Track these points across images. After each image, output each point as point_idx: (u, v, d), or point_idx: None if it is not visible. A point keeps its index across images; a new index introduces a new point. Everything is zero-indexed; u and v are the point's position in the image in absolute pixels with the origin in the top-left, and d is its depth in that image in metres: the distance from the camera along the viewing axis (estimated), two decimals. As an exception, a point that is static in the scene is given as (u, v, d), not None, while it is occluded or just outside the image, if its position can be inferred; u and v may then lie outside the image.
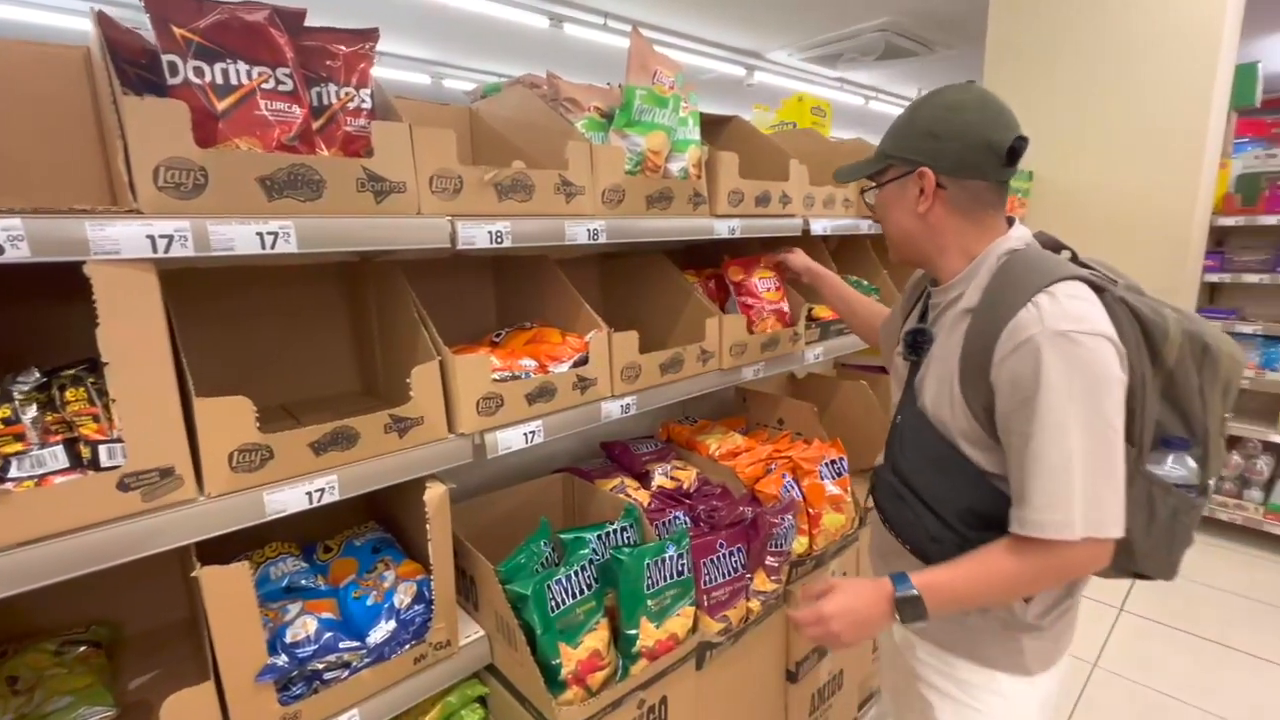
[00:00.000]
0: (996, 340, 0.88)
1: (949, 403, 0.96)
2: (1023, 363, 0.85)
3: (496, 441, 1.12)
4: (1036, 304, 0.86)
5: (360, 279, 1.34)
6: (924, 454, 1.01)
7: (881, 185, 1.05)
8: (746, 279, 1.61)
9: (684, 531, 1.24)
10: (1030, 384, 0.84)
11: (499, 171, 1.05)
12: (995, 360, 0.88)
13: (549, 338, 1.23)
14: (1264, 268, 3.20)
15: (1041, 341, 0.83)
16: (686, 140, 1.34)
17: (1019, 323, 0.86)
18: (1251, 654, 2.47)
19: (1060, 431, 0.83)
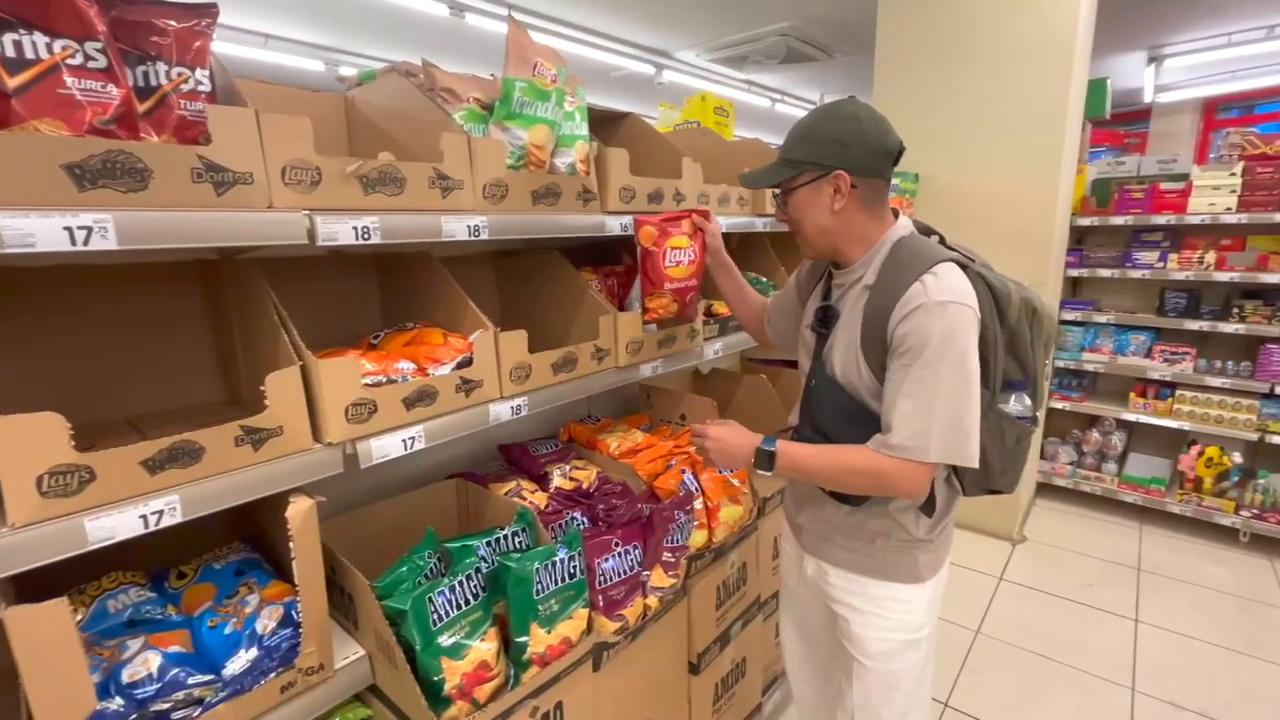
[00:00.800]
0: (892, 309, 1.07)
1: (855, 365, 1.14)
2: (912, 321, 1.04)
3: (370, 450, 1.05)
4: (923, 281, 1.06)
5: (220, 279, 1.23)
6: (837, 410, 1.18)
7: (795, 189, 1.16)
8: (657, 247, 1.43)
9: (576, 533, 1.22)
10: (915, 338, 1.04)
11: (363, 163, 0.99)
12: (891, 325, 1.07)
13: (430, 339, 1.18)
14: (1115, 263, 3.57)
15: (928, 307, 1.04)
16: (574, 135, 1.32)
17: (910, 295, 1.05)
18: (1111, 611, 2.74)
19: (931, 376, 1.03)
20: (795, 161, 1.14)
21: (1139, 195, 3.42)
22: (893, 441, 1.06)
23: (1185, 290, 3.45)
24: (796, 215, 1.18)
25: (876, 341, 1.10)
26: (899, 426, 1.05)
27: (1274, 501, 3.15)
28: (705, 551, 1.60)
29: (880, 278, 1.13)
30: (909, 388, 1.05)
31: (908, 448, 1.04)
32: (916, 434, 1.04)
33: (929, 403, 1.03)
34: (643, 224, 1.42)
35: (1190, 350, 3.42)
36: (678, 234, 1.45)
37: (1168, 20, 4.74)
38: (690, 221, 1.49)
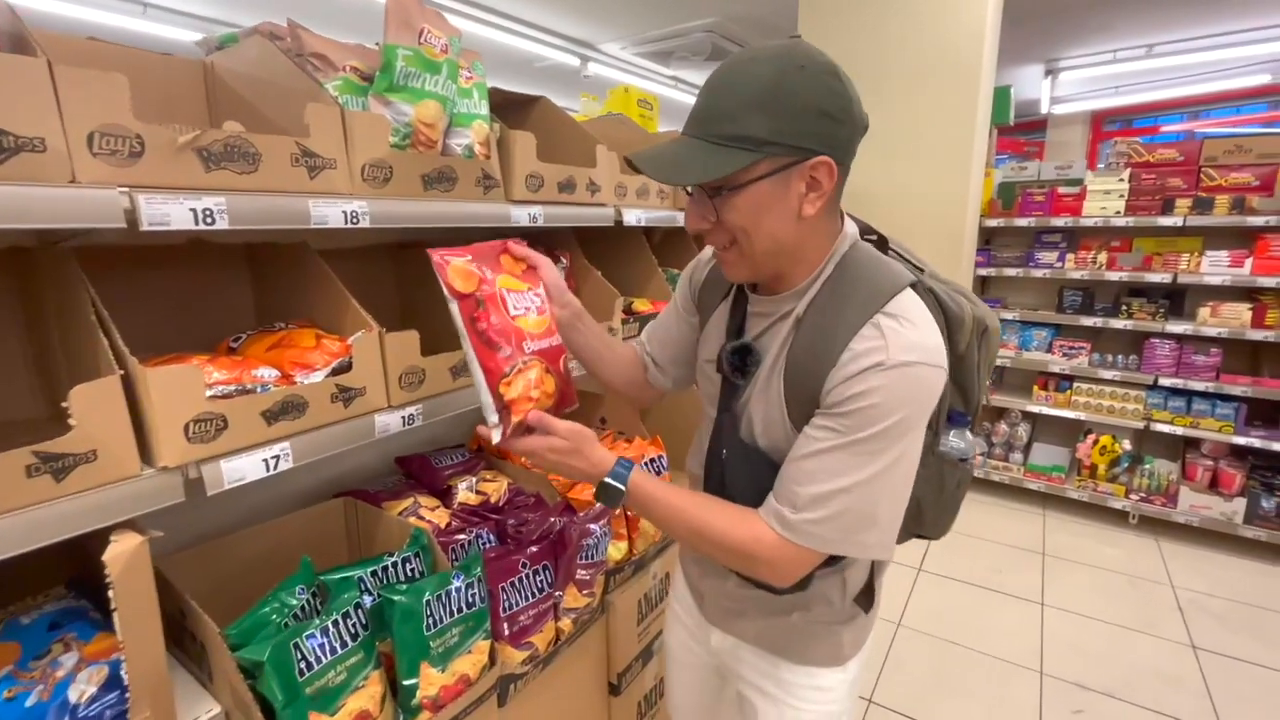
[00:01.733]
0: (831, 361, 0.79)
1: (782, 429, 0.87)
2: (861, 385, 0.77)
3: (221, 473, 0.89)
4: (879, 326, 0.78)
5: (37, 272, 1.03)
6: (757, 483, 0.88)
7: (747, 185, 0.77)
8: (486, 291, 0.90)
9: (476, 556, 1.10)
10: (862, 407, 0.77)
11: (201, 132, 0.83)
12: (832, 380, 0.79)
13: (299, 341, 1.02)
14: (1020, 263, 3.75)
15: (886, 369, 0.76)
16: (471, 114, 1.19)
17: (862, 347, 0.78)
18: (1020, 596, 2.86)
19: (870, 459, 0.78)
20: (752, 141, 0.74)
21: (1040, 198, 3.60)
22: (792, 519, 0.80)
23: (1081, 288, 3.67)
24: (743, 224, 0.79)
25: (805, 397, 0.83)
26: (807, 505, 0.80)
27: (1159, 485, 3.40)
28: (625, 564, 1.51)
29: (813, 308, 0.84)
30: (835, 467, 0.78)
31: (807, 534, 0.80)
32: (824, 522, 0.79)
33: (858, 497, 0.79)
34: (446, 260, 0.88)
35: (1086, 345, 3.64)
36: (504, 272, 0.95)
37: (1061, 35, 5.06)
38: (510, 255, 0.98)
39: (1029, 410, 3.81)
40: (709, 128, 0.77)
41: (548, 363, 0.94)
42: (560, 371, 0.98)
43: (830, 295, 0.84)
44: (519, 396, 0.88)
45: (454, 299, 0.87)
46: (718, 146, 0.75)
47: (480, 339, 0.87)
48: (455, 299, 0.87)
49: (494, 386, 0.87)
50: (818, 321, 0.83)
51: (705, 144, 0.76)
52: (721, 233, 0.82)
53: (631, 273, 1.98)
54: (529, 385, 0.89)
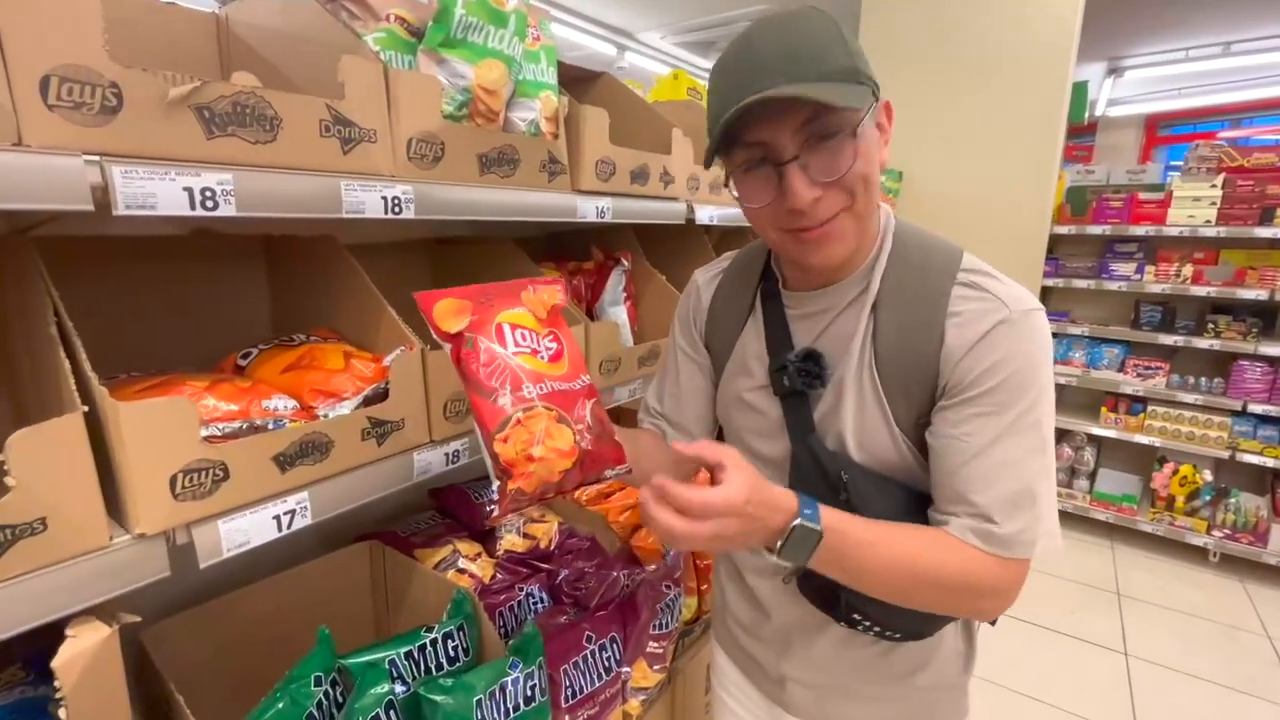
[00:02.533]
0: (939, 336, 0.71)
1: (888, 439, 0.74)
2: (993, 348, 0.68)
3: (219, 537, 0.68)
4: (975, 284, 0.72)
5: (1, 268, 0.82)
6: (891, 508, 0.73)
7: (865, 123, 0.67)
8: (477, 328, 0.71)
9: (534, 635, 0.87)
10: (1005, 372, 0.68)
11: (200, 84, 0.61)
12: (950, 359, 0.70)
13: (323, 360, 0.80)
14: (1091, 274, 3.46)
15: (1012, 323, 0.69)
16: (539, 83, 0.97)
17: (970, 308, 0.70)
18: (1100, 644, 2.59)
19: (1035, 431, 0.69)
20: (865, 75, 0.67)
21: (1117, 204, 3.31)
22: (1001, 533, 0.67)
23: (1160, 303, 3.38)
24: (867, 170, 0.68)
25: (914, 391, 0.72)
26: (1006, 512, 0.68)
27: (1245, 521, 3.10)
28: (695, 624, 1.28)
29: (890, 290, 0.74)
30: (1012, 456, 0.68)
31: (1024, 544, 0.68)
32: (1032, 524, 0.68)
33: (1037, 472, 0.69)
34: (432, 299, 0.70)
35: (1163, 365, 3.35)
36: (520, 306, 0.75)
37: (1132, 31, 4.74)
38: (535, 293, 0.76)
39: (1094, 433, 3.52)
40: (820, 63, 0.64)
41: (562, 410, 0.69)
42: (583, 420, 0.70)
43: (902, 269, 0.75)
44: (517, 456, 0.65)
45: (444, 343, 0.71)
46: (839, 84, 0.64)
47: (469, 384, 0.68)
48: (445, 342, 0.71)
49: (489, 444, 0.66)
50: (900, 300, 0.74)
51: (823, 83, 0.64)
52: (837, 194, 0.69)
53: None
54: (530, 440, 0.66)
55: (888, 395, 0.73)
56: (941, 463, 0.71)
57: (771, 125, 0.66)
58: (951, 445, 0.70)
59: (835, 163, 0.67)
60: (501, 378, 0.68)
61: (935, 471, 0.72)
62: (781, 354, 0.80)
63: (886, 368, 0.73)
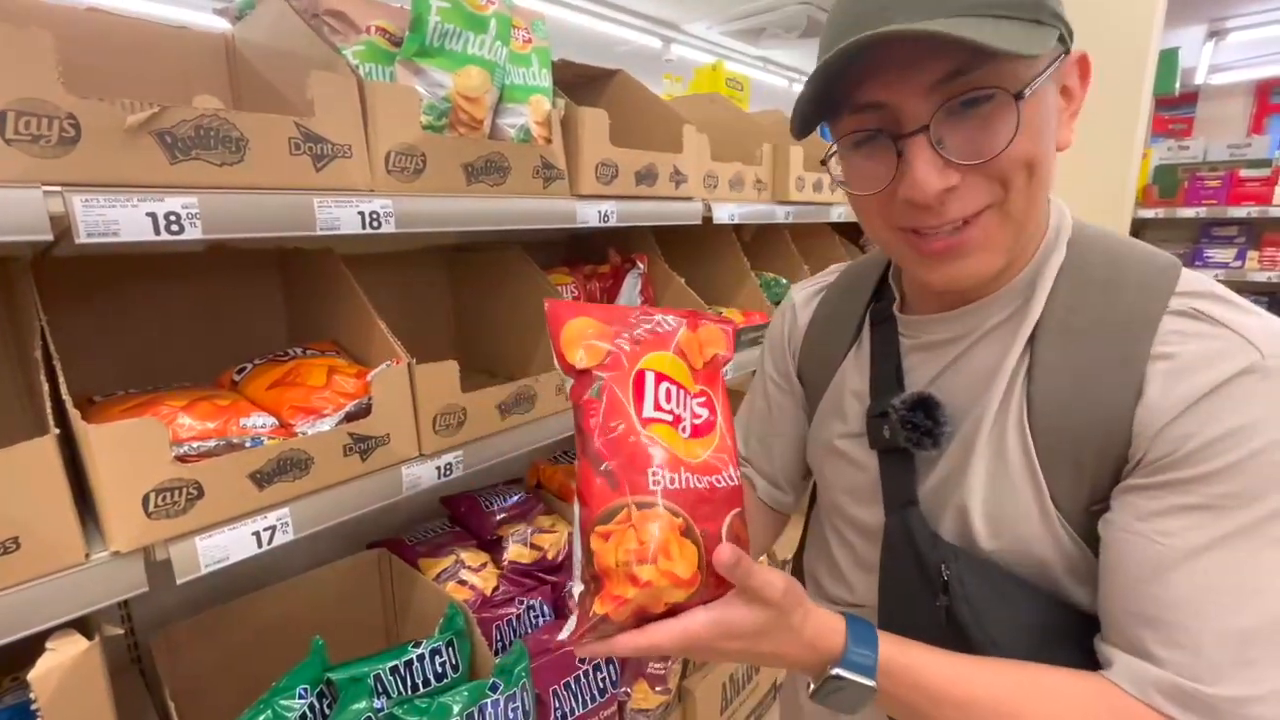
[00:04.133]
0: (1135, 384, 0.48)
1: (1039, 523, 0.52)
2: (1242, 410, 0.44)
3: (195, 554, 0.69)
4: (1207, 315, 0.48)
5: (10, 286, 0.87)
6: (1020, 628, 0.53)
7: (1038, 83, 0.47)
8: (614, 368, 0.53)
9: (520, 654, 0.85)
10: (1257, 448, 0.44)
11: (158, 110, 0.61)
12: (1153, 417, 0.47)
13: (305, 377, 0.81)
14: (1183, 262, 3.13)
15: (1270, 377, 0.45)
16: (528, 87, 0.94)
17: (1193, 348, 0.47)
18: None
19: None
20: (1049, 12, 0.46)
21: (1214, 184, 2.99)
22: (1214, 695, 0.43)
23: (1266, 294, 3.02)
24: (1035, 149, 0.48)
25: (1092, 457, 0.50)
26: (1219, 657, 0.44)
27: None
28: (707, 641, 1.23)
29: (1059, 315, 0.53)
30: (1238, 565, 0.44)
31: (1238, 698, 0.43)
32: (1259, 695, 0.43)
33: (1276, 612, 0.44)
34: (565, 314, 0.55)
35: (1268, 362, 3.00)
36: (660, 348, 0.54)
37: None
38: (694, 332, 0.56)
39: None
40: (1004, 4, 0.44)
41: (694, 518, 0.48)
42: (718, 539, 0.49)
43: (1081, 287, 0.53)
44: (616, 567, 0.47)
45: (567, 375, 0.54)
46: (1005, 20, 0.44)
47: (581, 439, 0.52)
48: (568, 375, 0.53)
49: (585, 531, 0.50)
50: (1075, 331, 0.52)
51: (980, 20, 0.43)
52: (983, 184, 0.49)
53: (719, 278, 1.69)
54: (641, 553, 0.46)
55: (1045, 466, 0.52)
56: (1120, 571, 0.48)
57: (896, 79, 0.46)
58: (1140, 546, 0.47)
59: (986, 138, 0.46)
60: (624, 450, 0.49)
61: (1108, 584, 0.49)
62: (885, 396, 0.61)
63: (1047, 426, 0.52)
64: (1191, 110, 7.13)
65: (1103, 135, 2.52)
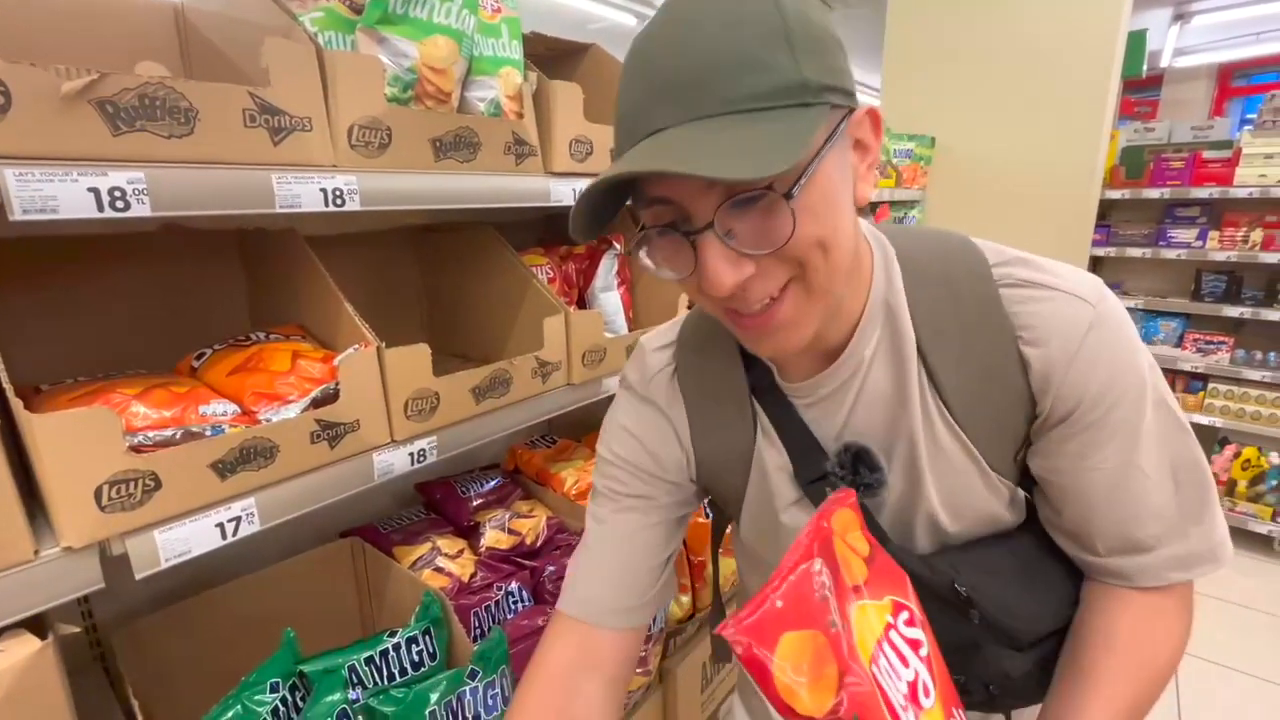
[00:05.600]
0: (1012, 352, 0.55)
1: (983, 488, 0.59)
2: (1102, 359, 0.54)
3: (155, 547, 0.66)
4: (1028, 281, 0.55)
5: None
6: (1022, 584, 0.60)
7: (814, 160, 0.46)
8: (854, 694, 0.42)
9: (498, 641, 0.84)
10: (1126, 380, 0.54)
11: (96, 77, 0.57)
12: (1046, 382, 0.55)
13: (268, 363, 0.78)
14: (1147, 241, 3.21)
15: (1103, 323, 0.53)
16: (497, 58, 0.91)
17: (1043, 318, 0.54)
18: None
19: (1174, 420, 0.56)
20: (811, 90, 0.44)
21: (1178, 165, 3.04)
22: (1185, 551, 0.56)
23: (1225, 272, 3.11)
24: (821, 232, 0.47)
25: (1009, 417, 0.57)
26: (1180, 527, 0.56)
27: (1316, 508, 2.86)
28: (687, 623, 1.23)
29: (927, 319, 0.57)
30: (1156, 461, 0.55)
31: (1212, 551, 0.57)
32: (1211, 524, 0.57)
33: (1191, 465, 0.56)
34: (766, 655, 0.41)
35: (1226, 339, 3.10)
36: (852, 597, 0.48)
37: (1200, -28, 4.31)
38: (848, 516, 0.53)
39: (1149, 412, 3.29)
40: (732, 87, 0.43)
41: None
42: None
43: (930, 295, 0.57)
44: None
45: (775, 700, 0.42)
46: (764, 111, 0.43)
47: None
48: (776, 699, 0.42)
49: None
50: (947, 332, 0.57)
51: (738, 115, 0.43)
52: (778, 268, 0.48)
53: (697, 259, 1.67)
54: None
55: (977, 445, 0.58)
56: (1085, 499, 0.56)
57: (675, 181, 0.46)
58: (1089, 478, 0.56)
59: (768, 231, 0.46)
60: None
61: (1078, 511, 0.57)
62: (810, 458, 0.61)
63: (967, 415, 0.57)
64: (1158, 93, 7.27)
65: (1072, 118, 2.55)
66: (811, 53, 0.45)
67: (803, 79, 0.44)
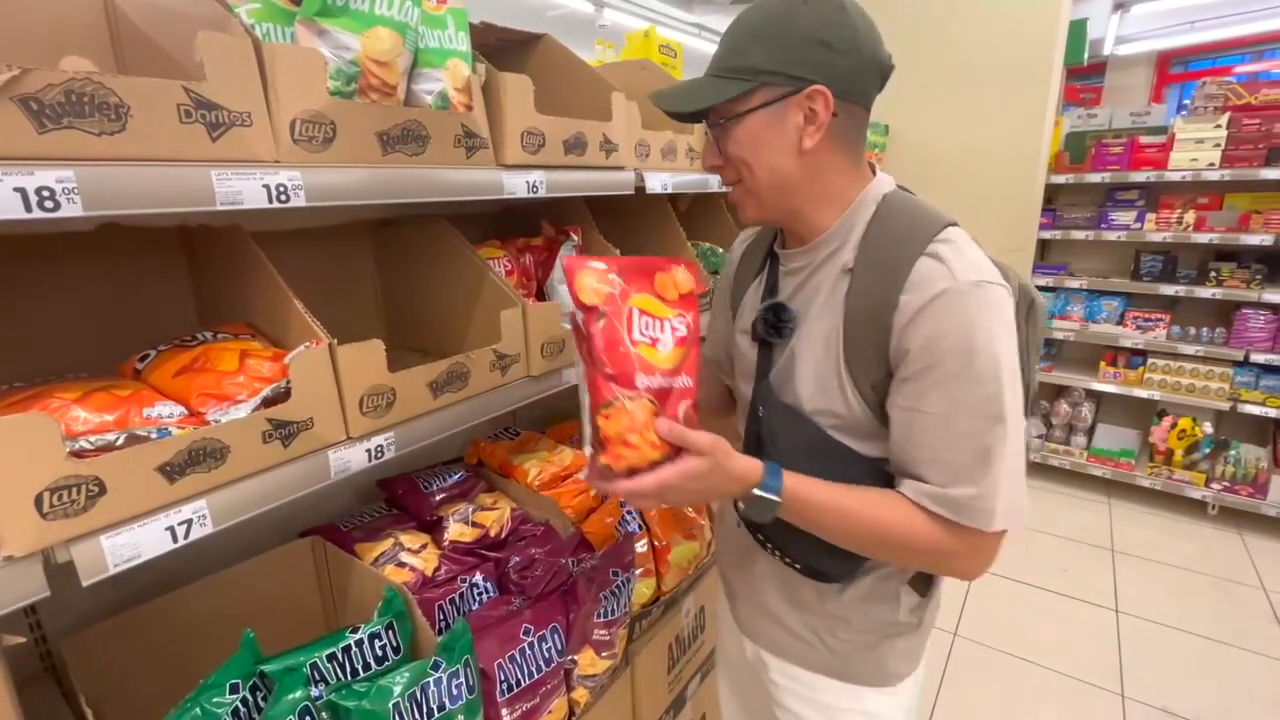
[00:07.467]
0: (896, 300, 0.74)
1: (836, 389, 0.80)
2: (935, 317, 0.71)
3: (102, 553, 0.65)
4: (936, 254, 0.73)
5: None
6: (809, 461, 0.80)
7: (744, 114, 0.76)
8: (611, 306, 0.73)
9: (462, 631, 0.85)
10: (947, 341, 0.71)
11: (18, 73, 0.56)
12: (898, 324, 0.74)
13: (216, 363, 0.77)
14: (1090, 224, 3.34)
15: (957, 293, 0.71)
16: (443, 50, 0.90)
17: (922, 276, 0.73)
18: (1091, 601, 2.58)
19: (993, 401, 0.71)
20: (749, 70, 0.74)
21: (1117, 150, 3.17)
22: (954, 495, 0.72)
23: (1161, 253, 3.26)
24: (742, 155, 0.78)
25: (870, 351, 0.77)
26: (954, 475, 0.72)
27: (1245, 473, 3.05)
28: (653, 606, 1.26)
29: (866, 254, 0.78)
30: (954, 420, 0.72)
31: (977, 510, 0.72)
32: (984, 491, 0.71)
33: (989, 441, 0.71)
34: (577, 266, 0.73)
35: (1164, 316, 3.26)
36: (652, 292, 0.76)
37: (1138, -38, 4.46)
38: (670, 276, 0.78)
39: (1093, 388, 3.45)
40: (719, 63, 0.78)
41: (660, 405, 0.73)
42: (674, 418, 0.74)
43: (880, 237, 0.78)
44: (613, 436, 0.71)
45: (577, 309, 0.74)
46: (720, 79, 0.77)
47: (590, 354, 0.74)
48: (578, 309, 0.73)
49: (593, 415, 0.73)
50: (871, 266, 0.77)
51: (712, 78, 0.78)
52: (729, 169, 0.81)
53: (655, 249, 1.68)
54: (630, 426, 0.71)
55: (849, 354, 0.78)
56: (896, 434, 0.76)
57: None
58: (905, 416, 0.75)
59: (717, 141, 0.80)
60: (619, 361, 0.72)
61: (893, 444, 0.77)
62: (762, 303, 0.89)
63: (853, 329, 0.77)
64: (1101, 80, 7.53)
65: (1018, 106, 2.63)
66: (773, 47, 0.73)
67: (750, 65, 0.74)
